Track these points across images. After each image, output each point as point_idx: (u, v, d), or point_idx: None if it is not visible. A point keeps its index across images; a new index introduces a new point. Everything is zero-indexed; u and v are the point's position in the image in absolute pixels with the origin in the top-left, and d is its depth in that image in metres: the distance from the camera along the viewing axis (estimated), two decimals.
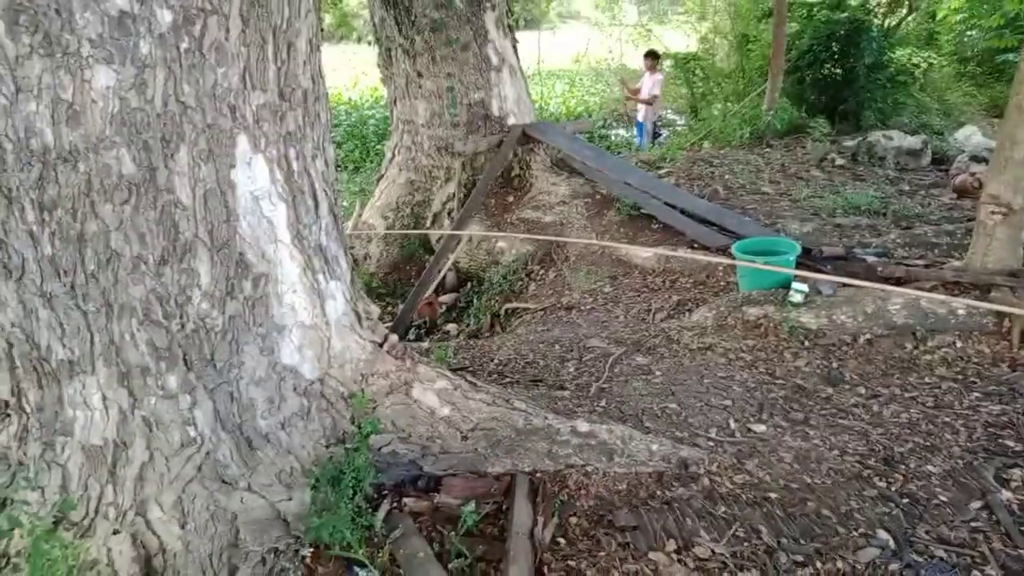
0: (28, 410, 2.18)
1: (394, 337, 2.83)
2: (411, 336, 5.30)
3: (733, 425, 3.10)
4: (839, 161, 7.63)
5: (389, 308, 5.89)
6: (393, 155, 6.62)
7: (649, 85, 9.77)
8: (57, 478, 2.22)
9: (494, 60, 6.38)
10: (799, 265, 4.20)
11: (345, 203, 7.51)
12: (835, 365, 3.55)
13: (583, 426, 2.82)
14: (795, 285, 3.93)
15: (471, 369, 3.60)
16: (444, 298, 5.81)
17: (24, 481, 2.24)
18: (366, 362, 2.60)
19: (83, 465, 2.19)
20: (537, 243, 5.74)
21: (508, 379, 3.52)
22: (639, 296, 4.60)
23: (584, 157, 6.01)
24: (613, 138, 11.73)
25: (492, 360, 3.76)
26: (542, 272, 5.52)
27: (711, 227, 5.15)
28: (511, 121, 6.47)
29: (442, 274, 5.74)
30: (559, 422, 2.83)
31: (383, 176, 6.67)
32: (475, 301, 5.46)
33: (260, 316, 2.24)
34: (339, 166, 10.57)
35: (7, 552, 2.27)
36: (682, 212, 5.37)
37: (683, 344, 3.81)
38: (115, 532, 2.19)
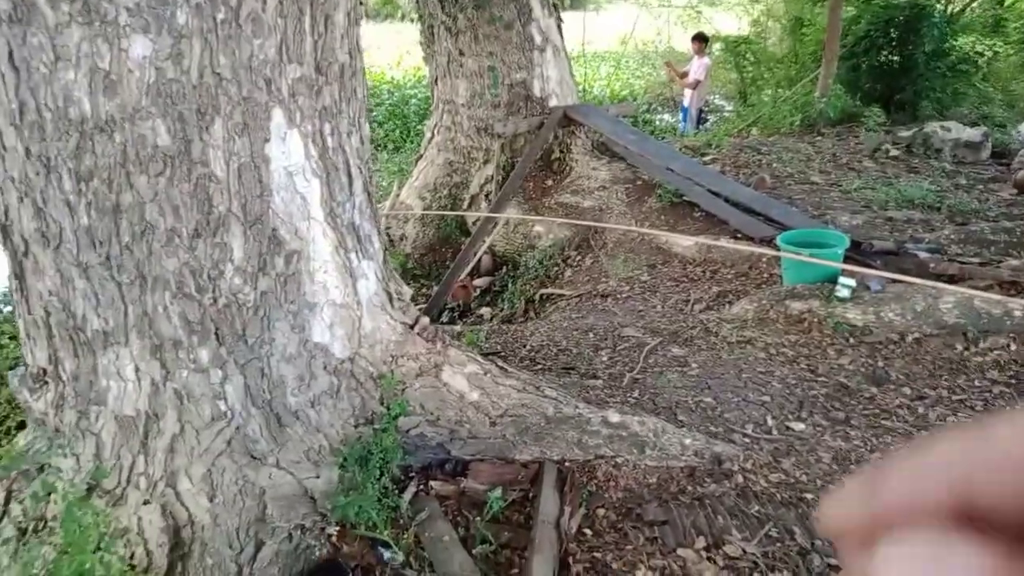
0: (64, 378, 2.21)
1: (425, 319, 2.80)
2: (444, 319, 5.28)
3: (771, 422, 3.01)
4: (893, 152, 7.36)
5: (424, 290, 5.88)
6: (432, 135, 6.58)
7: (696, 69, 9.55)
8: (91, 446, 2.25)
9: (537, 39, 6.27)
10: (847, 259, 4.05)
11: (384, 183, 7.52)
12: (880, 364, 3.42)
13: (614, 416, 2.76)
14: (842, 279, 3.79)
15: (502, 354, 3.56)
16: (479, 281, 5.77)
17: (60, 448, 2.27)
18: (396, 343, 2.57)
19: (116, 435, 2.22)
20: (575, 228, 5.66)
21: (540, 366, 3.48)
22: (678, 286, 4.50)
23: (626, 141, 5.89)
24: (657, 123, 11.52)
25: (524, 346, 3.72)
26: (579, 258, 5.44)
27: (756, 217, 5.01)
28: (553, 103, 6.38)
29: (477, 257, 5.70)
30: (590, 411, 2.77)
31: (422, 156, 6.64)
32: (510, 285, 5.41)
33: (292, 293, 2.23)
34: (379, 146, 10.60)
35: (44, 516, 2.32)
36: (726, 201, 5.23)
37: (722, 337, 3.72)
38: (145, 502, 2.21)
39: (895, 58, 8.58)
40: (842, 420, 3.04)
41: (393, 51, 17.72)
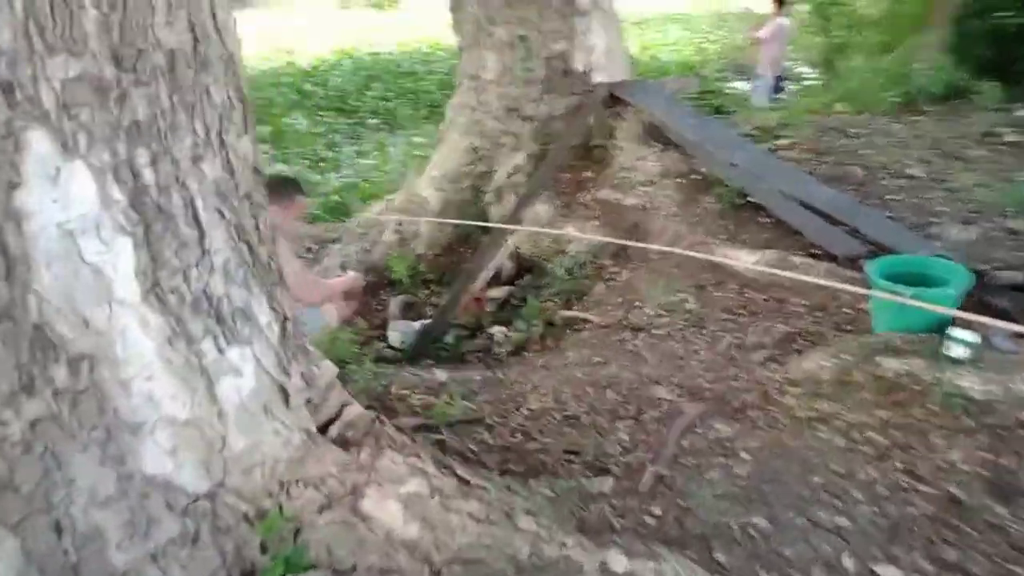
0: None
1: (353, 410, 1.99)
2: (448, 339, 4.45)
3: (848, 562, 2.10)
4: (1011, 137, 6.05)
5: (434, 298, 5.07)
6: (455, 116, 5.70)
7: (773, 30, 8.31)
8: None
9: (581, 2, 5.28)
10: (966, 301, 3.02)
11: (404, 166, 6.68)
12: (1009, 464, 2.43)
13: (618, 562, 1.90)
14: (955, 331, 2.78)
15: (487, 423, 2.72)
16: (496, 292, 4.91)
17: None
18: (291, 462, 1.76)
19: None
20: (612, 234, 4.72)
21: (534, 445, 2.62)
22: (732, 320, 3.54)
23: (682, 126, 4.87)
24: (728, 91, 10.28)
25: (520, 408, 2.87)
26: (614, 270, 4.52)
27: (839, 227, 3.97)
28: (597, 78, 5.39)
29: (494, 264, 4.84)
30: (583, 552, 1.92)
31: (442, 140, 5.78)
32: (529, 300, 4.54)
33: (90, 414, 1.44)
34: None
35: None
36: (801, 204, 4.20)
37: (786, 407, 2.77)
38: None
39: (1018, 20, 7.15)
40: (954, 563, 2.10)
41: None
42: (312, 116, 12.17)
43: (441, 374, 3.12)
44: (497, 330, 4.49)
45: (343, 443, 1.91)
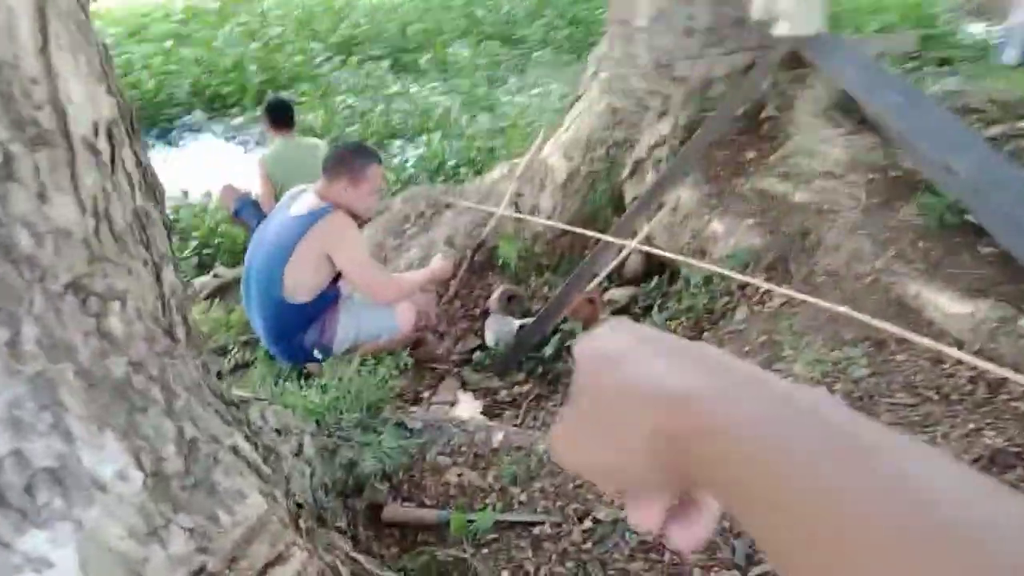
0: None
1: (290, 569, 1.36)
2: (548, 351, 3.72)
3: None
4: None
5: (547, 290, 4.34)
6: (597, 70, 4.78)
7: None
8: None
9: None
10: None
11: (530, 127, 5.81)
12: None
13: None
14: None
15: (536, 535, 2.01)
16: (616, 293, 4.09)
17: None
18: None
19: None
20: (769, 236, 3.71)
21: None
22: (914, 407, 2.52)
23: (885, 106, 3.66)
24: (962, 39, 8.30)
25: (590, 513, 2.11)
26: (765, 291, 3.54)
27: None
28: (780, 30, 4.22)
29: (621, 258, 4.02)
30: None
31: (579, 97, 4.89)
32: (655, 313, 3.68)
33: None
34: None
35: None
36: None
37: None
38: None
39: None
40: None
41: None
42: (476, 46, 11.54)
43: (497, 435, 2.43)
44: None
45: None
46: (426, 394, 3.50)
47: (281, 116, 4.98)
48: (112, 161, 1.08)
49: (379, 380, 2.47)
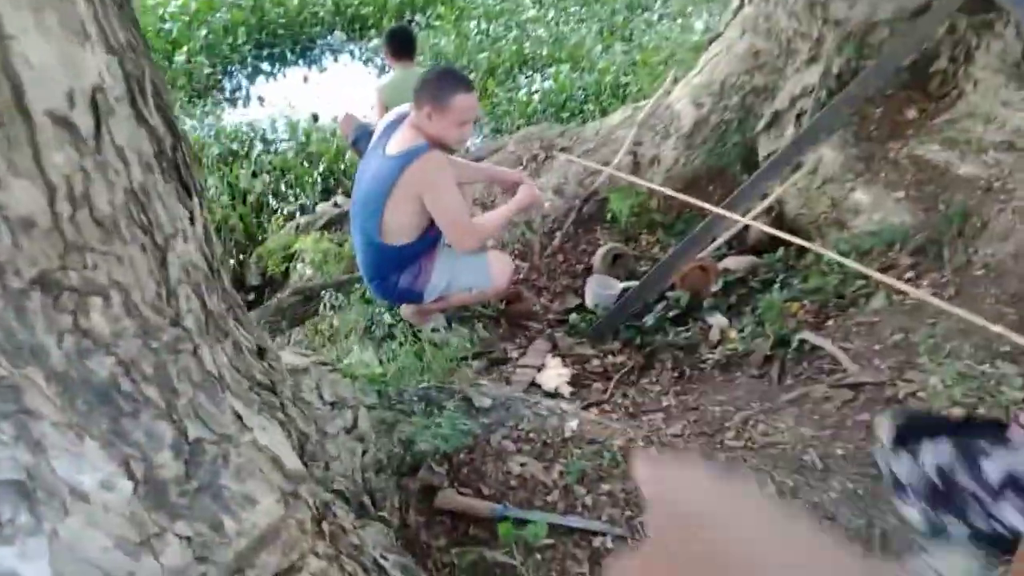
0: None
1: None
2: (649, 320, 3.43)
3: None
4: None
5: (658, 248, 4.01)
6: (741, 5, 4.23)
7: None
8: None
9: None
10: None
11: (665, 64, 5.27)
12: None
13: None
14: None
15: (602, 549, 1.82)
16: (733, 262, 3.70)
17: None
18: None
19: None
20: (924, 214, 3.20)
21: None
22: None
23: None
24: None
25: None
26: (914, 273, 3.07)
27: None
28: None
29: (739, 226, 3.62)
30: None
31: (719, 35, 4.38)
32: (775, 291, 3.29)
33: None
34: None
35: None
36: None
37: None
38: None
39: None
40: None
41: None
42: None
43: (572, 423, 2.23)
44: (717, 321, 3.38)
45: None
46: (515, 354, 3.33)
47: (401, 44, 4.79)
48: (97, 136, 0.93)
49: (453, 348, 2.31)
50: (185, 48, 7.92)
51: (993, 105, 3.32)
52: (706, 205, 3.23)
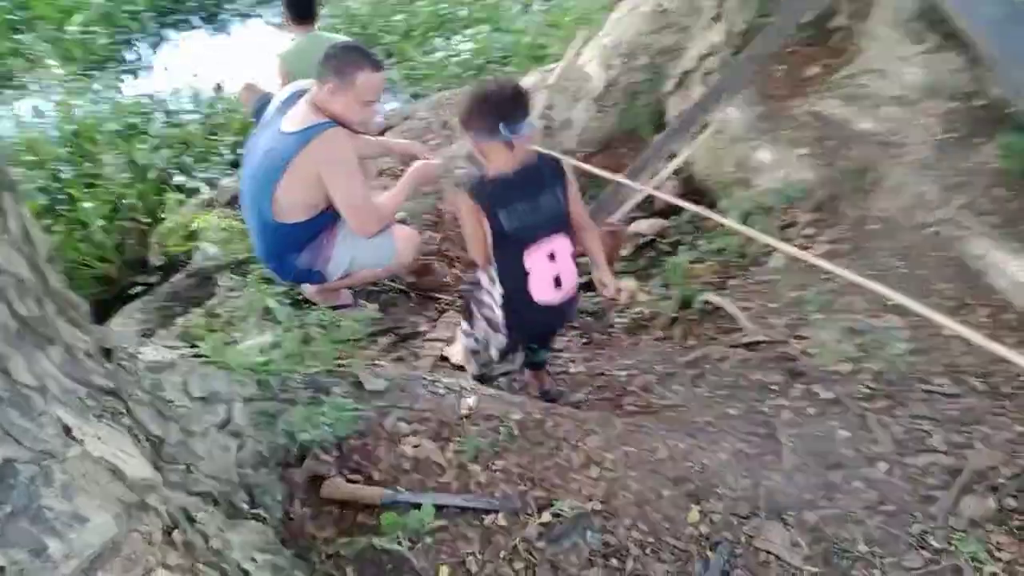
0: None
1: None
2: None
3: None
4: None
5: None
6: None
7: None
8: None
9: None
10: None
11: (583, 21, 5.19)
12: None
13: None
14: None
15: (488, 527, 1.80)
16: (644, 225, 3.71)
17: None
18: None
19: None
20: (822, 170, 3.24)
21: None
22: (953, 403, 2.15)
23: (978, 18, 3.03)
24: None
25: (551, 503, 1.88)
26: (812, 231, 3.12)
27: None
28: None
29: (648, 189, 3.61)
30: None
31: None
32: (680, 252, 3.30)
33: None
34: None
35: None
36: None
37: None
38: None
39: None
40: None
41: None
42: None
43: (469, 399, 2.20)
44: (626, 285, 3.38)
45: None
46: (425, 327, 3.27)
47: (301, 7, 4.56)
48: None
49: (345, 330, 2.24)
50: (79, 16, 7.44)
51: (888, 60, 3.36)
52: (607, 174, 3.19)
